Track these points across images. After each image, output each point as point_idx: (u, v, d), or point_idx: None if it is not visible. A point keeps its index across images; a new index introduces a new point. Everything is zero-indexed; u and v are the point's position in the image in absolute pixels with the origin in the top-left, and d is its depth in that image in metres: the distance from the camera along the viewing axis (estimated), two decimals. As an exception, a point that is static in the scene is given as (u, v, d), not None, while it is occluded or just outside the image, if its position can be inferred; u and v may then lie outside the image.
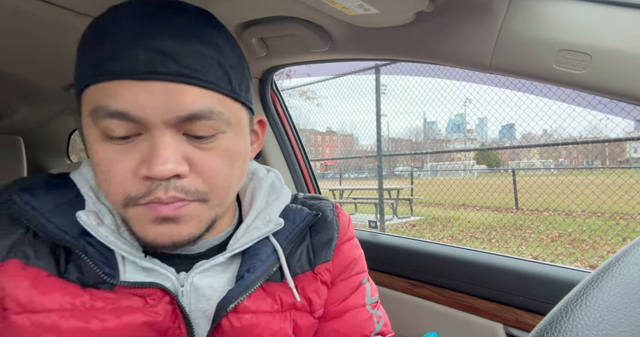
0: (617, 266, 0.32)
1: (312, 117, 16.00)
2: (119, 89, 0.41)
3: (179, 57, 0.42)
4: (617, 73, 0.55)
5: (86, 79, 0.43)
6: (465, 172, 13.74)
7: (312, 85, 8.32)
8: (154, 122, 0.41)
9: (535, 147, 6.87)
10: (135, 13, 0.43)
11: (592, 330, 0.26)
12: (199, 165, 0.44)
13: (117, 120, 0.41)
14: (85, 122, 0.45)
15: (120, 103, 0.41)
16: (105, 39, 0.42)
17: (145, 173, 0.41)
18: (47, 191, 0.48)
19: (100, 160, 0.43)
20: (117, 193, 0.43)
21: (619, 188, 4.74)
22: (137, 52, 0.41)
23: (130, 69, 0.41)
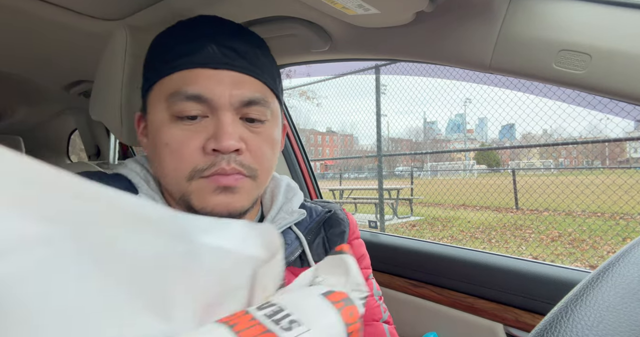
0: (617, 266, 0.32)
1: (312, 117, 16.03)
2: (196, 76, 0.51)
3: (245, 55, 0.54)
4: (617, 73, 0.55)
5: (165, 70, 0.53)
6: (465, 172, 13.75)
7: (312, 85, 8.33)
8: (221, 104, 0.51)
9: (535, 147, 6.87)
10: (207, 21, 0.57)
11: (592, 330, 0.26)
12: (251, 146, 0.53)
13: (192, 102, 0.51)
14: (154, 109, 0.54)
15: (197, 88, 0.51)
16: (184, 38, 0.54)
17: (213, 146, 0.50)
18: (109, 179, 0.57)
19: (171, 138, 0.52)
20: (185, 167, 0.51)
21: (619, 188, 4.74)
22: (214, 48, 0.52)
23: (209, 60, 0.52)
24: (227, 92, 0.51)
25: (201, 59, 0.52)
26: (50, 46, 0.93)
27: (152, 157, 0.57)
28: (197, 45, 0.52)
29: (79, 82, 1.21)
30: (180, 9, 0.75)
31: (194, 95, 0.51)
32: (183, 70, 0.52)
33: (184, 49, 0.52)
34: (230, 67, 0.52)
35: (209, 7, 0.74)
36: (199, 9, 0.74)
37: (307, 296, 0.28)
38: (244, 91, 0.52)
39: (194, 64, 0.52)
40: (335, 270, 0.31)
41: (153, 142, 0.55)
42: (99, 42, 0.83)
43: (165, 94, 0.52)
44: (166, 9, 0.75)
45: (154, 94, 0.55)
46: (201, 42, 0.53)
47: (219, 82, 0.51)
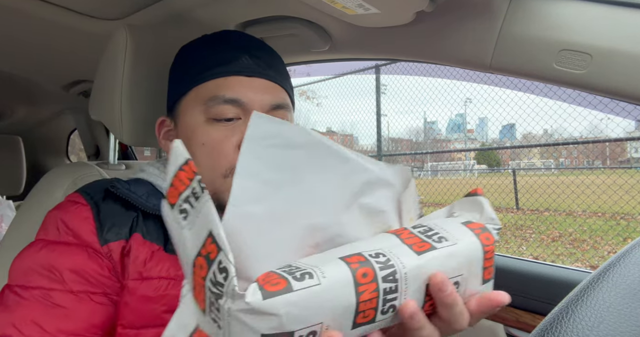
0: (617, 266, 0.31)
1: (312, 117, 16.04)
2: (232, 83, 0.57)
3: (272, 64, 0.61)
4: (618, 73, 0.55)
5: (202, 77, 0.59)
6: (465, 172, 13.75)
7: (312, 85, 8.33)
8: (254, 107, 0.57)
9: (535, 147, 6.87)
10: (235, 35, 0.63)
11: (592, 331, 0.26)
12: None
13: (229, 106, 0.57)
14: (190, 113, 0.59)
15: (233, 93, 0.57)
16: (219, 49, 0.60)
17: None
18: (136, 183, 0.61)
19: (208, 138, 0.57)
20: (221, 165, 0.56)
21: (620, 188, 4.74)
22: (247, 58, 0.59)
23: (244, 69, 0.58)
24: (259, 97, 0.58)
25: (237, 68, 0.58)
26: (50, 46, 0.93)
27: None
28: (233, 55, 0.59)
29: (78, 82, 1.21)
30: (180, 9, 0.75)
31: (231, 99, 0.57)
32: (220, 78, 0.58)
33: (221, 59, 0.59)
34: (261, 75, 0.59)
35: (209, 7, 0.74)
36: (199, 9, 0.74)
37: (450, 222, 0.35)
38: (273, 96, 0.59)
39: (230, 72, 0.58)
40: (470, 207, 0.38)
41: (186, 142, 0.58)
42: (98, 42, 0.83)
43: (202, 98, 0.58)
44: (166, 8, 0.75)
45: (189, 98, 0.60)
46: (236, 52, 0.59)
47: (252, 88, 0.58)
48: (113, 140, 1.10)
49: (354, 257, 0.29)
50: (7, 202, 1.49)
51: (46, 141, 1.95)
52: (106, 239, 0.54)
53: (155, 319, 0.54)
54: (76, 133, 1.93)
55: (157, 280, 0.54)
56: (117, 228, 0.56)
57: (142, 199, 0.58)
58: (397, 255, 0.30)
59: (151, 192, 0.60)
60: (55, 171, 0.82)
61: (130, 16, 0.79)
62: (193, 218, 0.28)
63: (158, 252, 0.56)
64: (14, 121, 1.75)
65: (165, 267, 0.55)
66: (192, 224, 0.28)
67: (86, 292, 0.52)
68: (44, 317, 0.49)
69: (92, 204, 0.57)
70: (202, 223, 0.27)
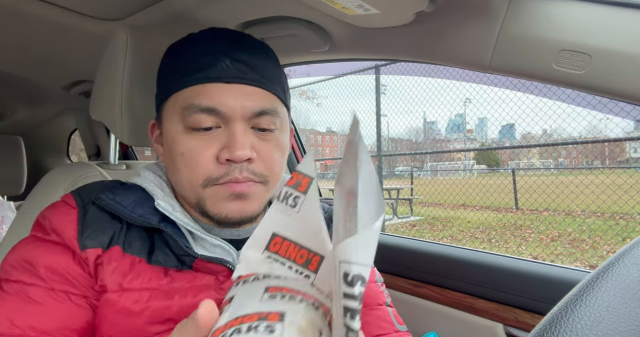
0: (616, 266, 0.32)
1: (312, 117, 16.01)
2: (210, 90, 0.54)
3: (256, 68, 0.56)
4: (617, 73, 0.55)
5: (178, 85, 0.56)
6: (465, 172, 13.74)
7: (312, 85, 8.32)
8: (234, 116, 0.54)
9: (535, 147, 6.87)
10: (220, 35, 0.59)
11: (591, 330, 0.26)
12: (262, 153, 0.56)
13: (206, 115, 0.54)
14: (170, 120, 0.57)
15: (210, 101, 0.54)
16: (198, 53, 0.56)
17: (227, 156, 0.53)
18: (123, 191, 0.59)
19: (186, 149, 0.55)
20: (199, 175, 0.54)
21: (619, 188, 4.74)
22: (227, 62, 0.55)
23: (222, 74, 0.54)
24: (239, 104, 0.54)
25: (214, 74, 0.55)
26: (51, 46, 0.93)
27: (169, 165, 0.60)
28: (211, 60, 0.55)
29: (79, 82, 1.21)
30: (180, 9, 0.75)
31: (207, 108, 0.54)
32: (197, 85, 0.55)
33: (198, 64, 0.55)
34: (242, 81, 0.55)
35: (209, 7, 0.74)
36: (199, 9, 0.74)
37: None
38: (255, 103, 0.55)
39: (207, 79, 0.54)
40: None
41: (169, 151, 0.58)
42: (99, 42, 0.83)
43: (180, 106, 0.56)
44: (166, 9, 0.75)
45: (169, 105, 0.58)
46: (215, 57, 0.55)
47: (231, 95, 0.54)
48: (114, 141, 1.10)
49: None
50: (8, 203, 1.49)
51: (47, 141, 1.95)
52: (84, 245, 0.53)
53: (138, 332, 0.52)
54: (77, 133, 1.93)
55: (139, 291, 0.52)
56: (97, 235, 0.54)
57: (127, 210, 0.56)
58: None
59: (139, 200, 0.58)
60: (56, 171, 0.82)
61: (131, 16, 0.79)
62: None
63: (139, 264, 0.54)
64: (14, 121, 1.75)
65: (147, 278, 0.53)
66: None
67: (66, 292, 0.51)
68: (19, 312, 0.48)
69: (81, 207, 0.56)
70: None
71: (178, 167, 0.56)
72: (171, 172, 0.60)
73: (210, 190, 0.55)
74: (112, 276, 0.52)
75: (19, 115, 1.70)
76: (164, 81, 0.60)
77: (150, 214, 0.56)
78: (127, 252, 0.54)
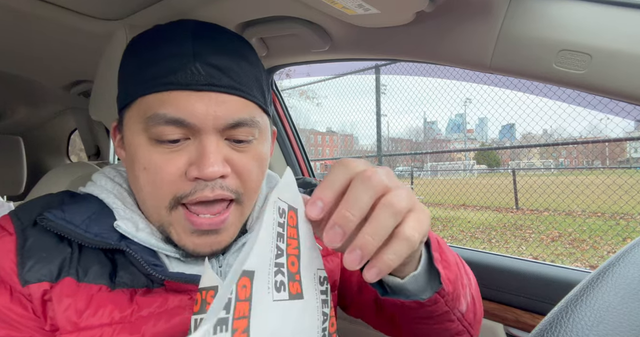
0: (617, 266, 0.31)
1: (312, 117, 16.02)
2: (176, 98, 0.46)
3: (230, 73, 0.48)
4: (618, 73, 0.55)
5: (141, 90, 0.48)
6: (465, 172, 13.73)
7: (312, 85, 8.33)
8: (205, 128, 0.47)
9: (535, 147, 6.87)
10: (188, 33, 0.49)
11: (592, 330, 0.26)
12: (237, 167, 0.49)
13: (172, 127, 0.46)
14: (131, 129, 0.49)
15: (176, 111, 0.46)
16: (163, 55, 0.48)
17: (196, 174, 0.46)
18: (75, 205, 0.51)
19: (149, 163, 0.47)
20: (164, 194, 0.48)
21: (619, 188, 4.74)
22: (197, 67, 0.47)
23: (192, 81, 0.46)
24: (211, 115, 0.47)
25: (183, 80, 0.46)
26: (50, 46, 0.93)
27: (131, 177, 0.52)
28: (179, 64, 0.47)
29: (79, 82, 1.21)
30: (180, 9, 0.75)
31: (174, 119, 0.46)
32: (163, 92, 0.47)
33: (164, 68, 0.47)
34: (214, 88, 0.47)
35: (209, 7, 0.74)
36: (198, 9, 0.74)
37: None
38: (230, 113, 0.48)
39: (174, 85, 0.46)
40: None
41: (131, 163, 0.50)
42: (99, 42, 0.83)
43: (142, 115, 0.48)
44: (166, 8, 0.75)
45: (130, 112, 0.50)
46: (183, 60, 0.47)
47: (201, 104, 0.46)
48: (113, 141, 1.10)
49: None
50: (8, 204, 1.48)
51: (47, 141, 1.95)
52: (26, 280, 0.45)
53: None
54: (76, 133, 1.93)
55: (99, 328, 0.45)
56: (41, 266, 0.46)
57: (79, 229, 0.47)
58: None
59: (94, 216, 0.50)
60: (56, 171, 0.82)
61: (131, 16, 0.79)
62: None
63: (99, 293, 0.46)
64: (14, 121, 1.75)
65: (108, 312, 0.46)
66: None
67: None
68: None
69: (19, 232, 0.47)
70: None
71: (141, 183, 0.49)
72: (134, 187, 0.52)
73: (175, 214, 0.48)
74: (65, 314, 0.45)
75: (18, 115, 1.70)
76: (125, 81, 0.52)
77: (108, 231, 0.49)
78: (83, 282, 0.46)
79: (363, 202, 0.32)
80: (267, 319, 0.28)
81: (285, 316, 0.30)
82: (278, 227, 0.30)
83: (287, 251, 0.31)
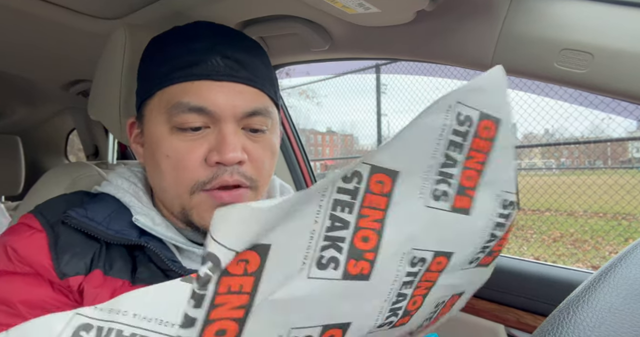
0: (619, 267, 0.31)
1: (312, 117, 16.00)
2: (199, 88, 0.51)
3: (247, 65, 0.53)
4: (620, 72, 0.55)
5: (163, 82, 0.52)
6: (466, 172, 13.72)
7: (312, 84, 8.33)
8: (224, 116, 0.51)
9: (536, 147, 6.87)
10: (207, 31, 0.55)
11: (594, 331, 0.26)
12: (253, 155, 0.53)
13: (195, 114, 0.50)
14: (153, 121, 0.53)
15: (199, 99, 0.50)
16: (184, 50, 0.52)
17: (217, 159, 0.50)
18: (95, 204, 0.54)
19: (172, 150, 0.51)
20: (187, 180, 0.51)
21: (621, 188, 4.73)
22: (217, 59, 0.51)
23: (213, 72, 0.51)
24: (230, 104, 0.51)
25: (205, 71, 0.51)
26: (49, 45, 0.93)
27: (151, 168, 0.56)
28: (200, 57, 0.52)
29: (77, 82, 1.21)
30: (179, 7, 0.74)
31: (197, 107, 0.50)
32: (186, 82, 0.51)
33: (187, 61, 0.52)
34: (233, 79, 0.52)
35: (208, 5, 0.73)
36: (198, 7, 0.74)
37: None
38: (247, 102, 0.52)
39: (197, 76, 0.51)
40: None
41: (152, 153, 0.54)
42: (97, 41, 0.82)
43: (166, 105, 0.52)
44: (165, 7, 0.75)
45: (152, 103, 0.54)
46: (204, 53, 0.52)
47: (221, 94, 0.51)
48: (112, 140, 1.10)
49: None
50: (0, 209, 1.46)
51: (45, 141, 1.95)
52: (64, 273, 0.47)
53: None
54: (75, 133, 1.93)
55: None
56: (77, 260, 0.49)
57: (101, 227, 0.50)
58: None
59: (114, 213, 0.53)
60: (54, 170, 0.82)
61: (129, 16, 0.79)
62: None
63: (121, 288, 0.48)
64: (12, 121, 1.75)
65: None
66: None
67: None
68: None
69: (49, 229, 0.50)
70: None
71: (163, 171, 0.52)
72: (154, 177, 0.56)
73: (197, 197, 0.52)
74: (94, 303, 0.47)
75: (16, 115, 1.70)
76: (147, 77, 0.56)
77: (128, 228, 0.52)
78: (109, 275, 0.49)
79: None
80: (410, 220, 0.26)
81: (434, 224, 0.28)
82: (452, 135, 0.26)
83: (463, 163, 0.28)
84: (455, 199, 0.28)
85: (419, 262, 0.27)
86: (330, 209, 0.23)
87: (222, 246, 0.22)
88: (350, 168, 0.23)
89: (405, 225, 0.25)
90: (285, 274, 0.23)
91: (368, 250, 0.24)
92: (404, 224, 0.25)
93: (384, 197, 0.24)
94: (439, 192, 0.26)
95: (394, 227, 0.24)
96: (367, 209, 0.24)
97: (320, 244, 0.23)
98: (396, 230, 0.24)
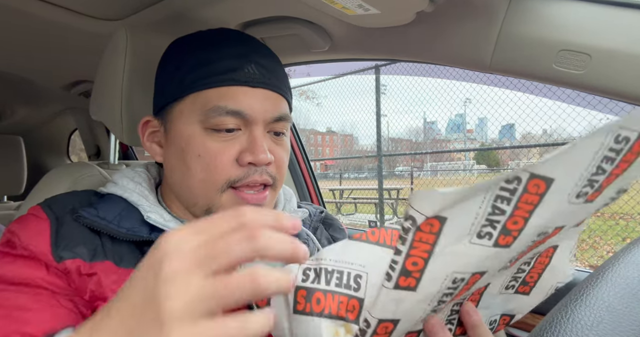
0: (616, 266, 0.32)
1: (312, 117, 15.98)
2: (235, 93, 0.54)
3: (276, 74, 0.58)
4: (617, 73, 0.55)
5: (198, 85, 0.55)
6: (465, 172, 13.74)
7: (312, 85, 8.33)
8: (257, 120, 0.55)
9: (535, 147, 6.87)
10: (237, 38, 0.59)
11: (591, 330, 0.26)
12: (276, 156, 0.57)
13: (231, 117, 0.54)
14: (183, 121, 0.56)
15: (236, 104, 0.54)
16: (220, 55, 0.55)
17: (250, 160, 0.53)
18: (104, 204, 0.56)
19: (204, 150, 0.54)
20: (218, 178, 0.54)
21: (619, 188, 4.72)
22: (252, 67, 0.55)
23: (250, 79, 0.55)
24: (263, 109, 0.55)
25: (242, 77, 0.55)
26: (51, 46, 0.93)
27: (175, 166, 0.57)
28: (237, 63, 0.55)
29: (79, 82, 1.21)
30: (180, 9, 0.75)
31: (234, 111, 0.53)
32: (223, 87, 0.54)
33: (225, 66, 0.55)
34: (265, 86, 0.56)
35: (209, 7, 0.74)
36: (199, 9, 0.74)
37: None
38: (275, 108, 0.56)
39: (235, 81, 0.54)
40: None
41: (179, 152, 0.56)
42: (99, 42, 0.83)
43: (202, 107, 0.54)
44: (166, 9, 0.75)
45: (185, 104, 0.56)
46: (241, 60, 0.56)
47: (255, 99, 0.55)
48: (114, 141, 1.10)
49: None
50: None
51: (47, 141, 1.95)
52: (61, 256, 0.49)
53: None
54: (77, 133, 1.93)
55: None
56: (76, 244, 0.50)
57: (112, 224, 0.53)
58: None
59: (124, 212, 0.55)
60: (56, 171, 0.82)
61: (131, 16, 0.79)
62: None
63: None
64: (14, 121, 1.75)
65: None
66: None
67: (53, 298, 0.47)
68: (2, 320, 0.44)
69: (53, 218, 0.52)
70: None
71: (192, 169, 0.54)
72: (178, 175, 0.57)
73: (226, 195, 0.55)
74: (114, 286, 0.49)
75: (18, 115, 1.70)
76: (178, 79, 0.57)
77: (138, 226, 0.54)
78: (121, 266, 0.51)
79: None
80: (552, 211, 0.32)
81: (571, 213, 0.33)
82: (608, 152, 0.31)
83: (610, 172, 0.32)
84: (593, 195, 0.34)
85: (540, 234, 0.35)
86: (492, 200, 0.30)
87: (418, 212, 0.31)
88: (512, 173, 0.30)
89: (547, 213, 0.32)
90: (455, 237, 0.31)
91: (515, 229, 0.31)
92: (547, 213, 0.32)
93: (537, 196, 0.30)
94: (582, 192, 0.33)
95: (538, 217, 0.31)
96: (522, 203, 0.30)
97: (481, 223, 0.31)
98: (538, 218, 0.32)
